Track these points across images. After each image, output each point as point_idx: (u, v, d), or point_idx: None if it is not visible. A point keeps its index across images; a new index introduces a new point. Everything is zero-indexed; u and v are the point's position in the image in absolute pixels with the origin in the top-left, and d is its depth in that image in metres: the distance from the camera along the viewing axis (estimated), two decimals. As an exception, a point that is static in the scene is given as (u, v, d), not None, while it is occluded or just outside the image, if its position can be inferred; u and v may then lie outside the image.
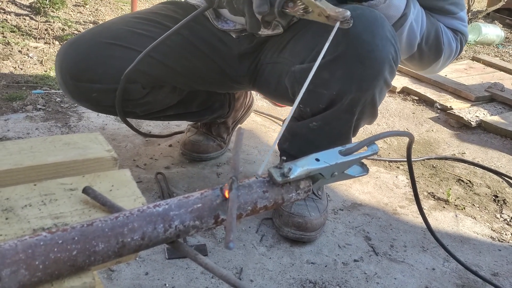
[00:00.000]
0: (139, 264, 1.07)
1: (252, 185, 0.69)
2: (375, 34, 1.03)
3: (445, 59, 1.27)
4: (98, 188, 0.68)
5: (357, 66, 1.04)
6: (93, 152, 0.75)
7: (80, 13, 2.87)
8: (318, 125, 1.16)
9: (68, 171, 0.72)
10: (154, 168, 1.47)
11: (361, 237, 1.30)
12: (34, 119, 1.62)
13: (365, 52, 1.03)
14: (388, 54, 1.04)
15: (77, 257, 0.53)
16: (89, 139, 0.78)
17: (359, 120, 1.16)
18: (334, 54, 1.04)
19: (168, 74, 1.27)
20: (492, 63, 2.96)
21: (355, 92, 1.07)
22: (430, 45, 1.21)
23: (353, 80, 1.05)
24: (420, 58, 1.24)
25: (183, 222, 0.61)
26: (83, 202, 0.65)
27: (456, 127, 2.15)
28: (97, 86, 1.19)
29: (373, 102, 1.12)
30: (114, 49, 1.19)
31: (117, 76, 1.17)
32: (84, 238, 0.53)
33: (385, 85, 1.10)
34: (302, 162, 0.73)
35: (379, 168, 1.70)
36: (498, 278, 1.22)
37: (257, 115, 1.97)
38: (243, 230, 1.25)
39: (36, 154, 0.72)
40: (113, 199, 0.67)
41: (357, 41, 1.02)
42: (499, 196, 1.63)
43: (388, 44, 1.04)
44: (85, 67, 1.18)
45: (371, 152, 0.80)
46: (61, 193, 0.66)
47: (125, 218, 0.57)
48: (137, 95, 1.25)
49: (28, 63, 2.06)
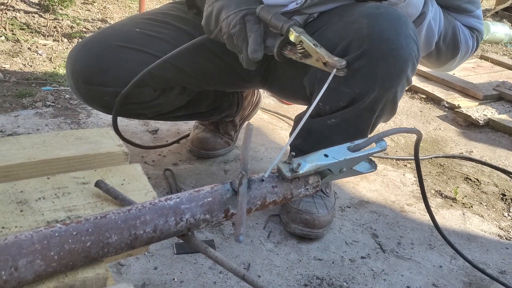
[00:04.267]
0: (148, 259, 1.08)
1: (261, 180, 0.70)
2: (399, 32, 1.03)
3: (461, 57, 1.27)
4: (110, 182, 0.69)
5: (381, 64, 1.04)
6: (105, 147, 0.76)
7: (88, 11, 2.89)
8: (336, 122, 1.15)
9: (80, 165, 0.73)
10: (162, 164, 1.48)
11: (368, 234, 1.31)
12: (43, 116, 1.64)
13: (390, 50, 1.02)
14: (412, 52, 1.04)
15: (91, 249, 0.54)
16: (100, 134, 0.80)
17: (378, 118, 1.16)
18: (357, 52, 1.03)
19: (180, 76, 1.27)
20: (500, 61, 2.95)
21: (378, 91, 1.07)
22: (447, 43, 1.22)
23: (377, 78, 1.05)
24: (438, 56, 1.24)
25: (194, 216, 0.62)
26: (96, 196, 0.66)
27: (464, 126, 2.14)
28: (109, 89, 1.19)
29: (394, 100, 1.12)
30: (126, 52, 1.19)
31: (129, 79, 1.17)
32: (97, 230, 0.54)
33: (406, 83, 1.10)
34: (311, 158, 0.74)
35: (386, 166, 1.70)
36: (506, 276, 1.22)
37: (264, 113, 1.97)
38: (251, 227, 1.26)
39: (48, 148, 0.73)
40: (125, 192, 0.68)
41: (382, 38, 1.02)
42: (507, 195, 1.63)
43: (411, 42, 1.04)
44: (97, 71, 1.18)
45: (379, 148, 0.80)
46: (73, 187, 0.67)
47: (138, 211, 0.58)
48: (147, 97, 1.26)
49: (37, 60, 2.08)
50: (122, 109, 1.24)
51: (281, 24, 1.00)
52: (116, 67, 1.19)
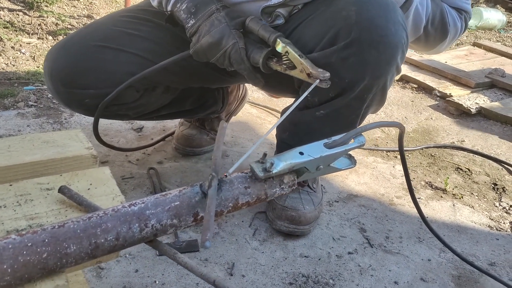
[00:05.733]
0: (129, 261, 1.06)
1: (233, 181, 0.68)
2: (388, 19, 1.00)
3: (450, 39, 1.26)
4: (76, 187, 0.67)
5: (371, 52, 1.01)
6: (72, 150, 0.73)
7: (74, 7, 2.84)
8: (325, 113, 1.12)
9: (46, 170, 0.71)
10: (146, 163, 1.45)
11: (356, 229, 1.29)
12: (25, 116, 1.61)
13: (379, 37, 1.00)
14: (401, 39, 1.02)
15: (48, 260, 0.51)
16: (69, 137, 0.77)
17: (368, 108, 1.13)
18: (346, 40, 1.01)
19: (163, 75, 1.23)
20: (493, 48, 2.92)
21: (368, 79, 1.04)
22: (436, 27, 1.19)
23: (367, 67, 1.03)
24: (426, 39, 1.23)
25: (160, 221, 0.59)
26: (60, 202, 0.64)
27: (456, 115, 2.12)
28: (90, 92, 1.16)
29: (384, 88, 1.10)
30: (105, 52, 1.16)
31: (109, 80, 1.14)
32: (55, 240, 0.52)
33: (396, 71, 1.08)
34: (286, 156, 0.71)
35: (376, 158, 1.68)
36: (495, 268, 1.20)
37: (252, 107, 1.94)
38: (236, 225, 1.24)
39: (13, 154, 0.71)
40: (91, 198, 0.65)
41: (371, 26, 1.00)
42: (498, 184, 1.61)
43: (400, 28, 1.01)
44: (76, 73, 1.14)
45: (357, 144, 0.78)
46: (37, 193, 0.64)
47: (99, 218, 0.55)
48: (130, 98, 1.23)
49: (21, 59, 2.05)
50: (104, 111, 1.20)
51: (268, 35, 1.01)
52: (96, 68, 1.15)
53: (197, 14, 1.03)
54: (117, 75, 1.15)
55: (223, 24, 1.01)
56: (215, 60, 1.06)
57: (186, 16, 1.05)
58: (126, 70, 1.16)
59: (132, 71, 1.15)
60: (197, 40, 1.05)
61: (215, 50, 1.03)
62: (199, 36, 1.04)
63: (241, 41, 1.02)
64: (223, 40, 1.01)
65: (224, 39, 1.01)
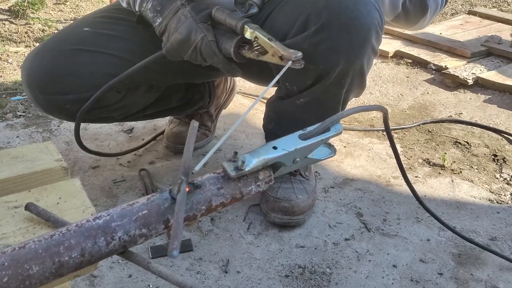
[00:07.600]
0: (122, 267, 1.05)
1: (204, 182, 0.65)
2: (357, 0, 0.97)
3: (431, 13, 1.21)
4: (45, 202, 0.65)
5: (342, 36, 0.98)
6: (41, 164, 0.71)
7: (60, 11, 2.82)
8: (305, 101, 1.10)
9: (15, 187, 0.69)
10: (138, 164, 1.44)
11: (353, 214, 1.26)
12: (14, 127, 1.60)
13: (349, 20, 0.97)
14: (374, 20, 0.98)
15: (10, 284, 0.50)
16: (38, 150, 0.75)
17: (348, 92, 1.11)
18: (316, 25, 0.98)
19: (143, 75, 1.21)
20: (489, 15, 2.84)
21: (343, 64, 1.02)
22: (414, 3, 1.15)
23: (340, 52, 1.00)
24: (406, 17, 1.18)
25: (127, 232, 0.57)
26: (28, 220, 0.62)
27: (453, 87, 2.07)
28: (69, 97, 1.14)
29: (361, 72, 1.07)
30: (81, 55, 1.13)
31: (88, 83, 1.12)
32: (15, 262, 0.50)
33: (372, 53, 1.05)
34: (258, 152, 0.69)
35: (372, 139, 1.65)
36: (497, 242, 1.17)
37: (244, 97, 1.92)
38: (230, 220, 1.22)
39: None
40: (60, 212, 0.64)
41: (340, 9, 0.96)
42: (499, 155, 1.57)
43: (372, 9, 0.98)
44: (53, 79, 1.12)
45: (334, 132, 0.75)
46: (4, 212, 0.63)
47: (61, 235, 0.54)
48: (112, 100, 1.20)
49: (8, 70, 2.03)
50: (86, 115, 1.19)
51: (235, 23, 0.98)
52: (73, 72, 1.13)
53: (163, 11, 1.01)
54: (96, 78, 1.13)
55: (189, 19, 0.98)
56: (187, 57, 1.03)
57: (153, 15, 1.02)
58: (104, 72, 1.14)
59: (110, 72, 1.13)
60: (167, 39, 1.02)
61: (185, 47, 1.01)
62: (168, 35, 1.01)
63: (210, 33, 0.99)
64: (191, 35, 0.99)
65: (192, 34, 0.98)
